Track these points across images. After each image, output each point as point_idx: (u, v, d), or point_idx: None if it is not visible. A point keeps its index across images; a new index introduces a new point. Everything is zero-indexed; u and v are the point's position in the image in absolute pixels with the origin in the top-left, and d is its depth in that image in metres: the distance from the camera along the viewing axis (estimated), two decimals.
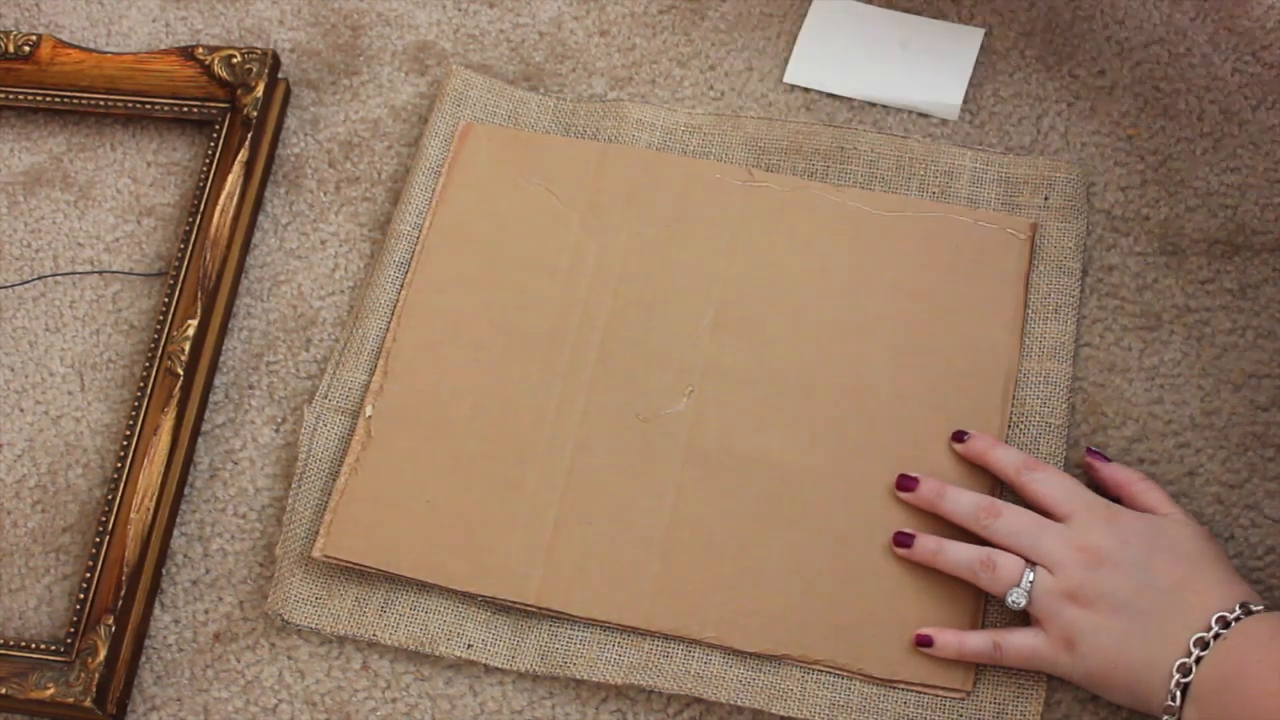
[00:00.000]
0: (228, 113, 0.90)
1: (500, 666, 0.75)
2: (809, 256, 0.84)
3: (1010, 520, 0.73)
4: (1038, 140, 0.88)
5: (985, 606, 0.75)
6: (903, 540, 0.75)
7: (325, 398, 0.82)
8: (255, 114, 0.88)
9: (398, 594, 0.77)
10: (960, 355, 0.81)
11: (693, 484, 0.78)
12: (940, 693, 0.73)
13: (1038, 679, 0.73)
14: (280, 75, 0.92)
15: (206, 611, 0.79)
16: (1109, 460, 0.77)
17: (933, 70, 0.91)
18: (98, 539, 0.78)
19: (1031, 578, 0.71)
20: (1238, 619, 0.67)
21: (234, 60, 0.90)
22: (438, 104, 0.90)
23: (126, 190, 0.92)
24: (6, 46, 0.91)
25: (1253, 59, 0.89)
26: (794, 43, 0.92)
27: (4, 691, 0.74)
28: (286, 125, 0.93)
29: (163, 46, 0.96)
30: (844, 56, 0.92)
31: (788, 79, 0.91)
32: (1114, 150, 0.88)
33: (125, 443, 0.81)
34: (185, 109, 0.91)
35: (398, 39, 0.95)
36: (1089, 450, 0.78)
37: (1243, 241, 0.84)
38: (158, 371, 0.82)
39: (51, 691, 0.74)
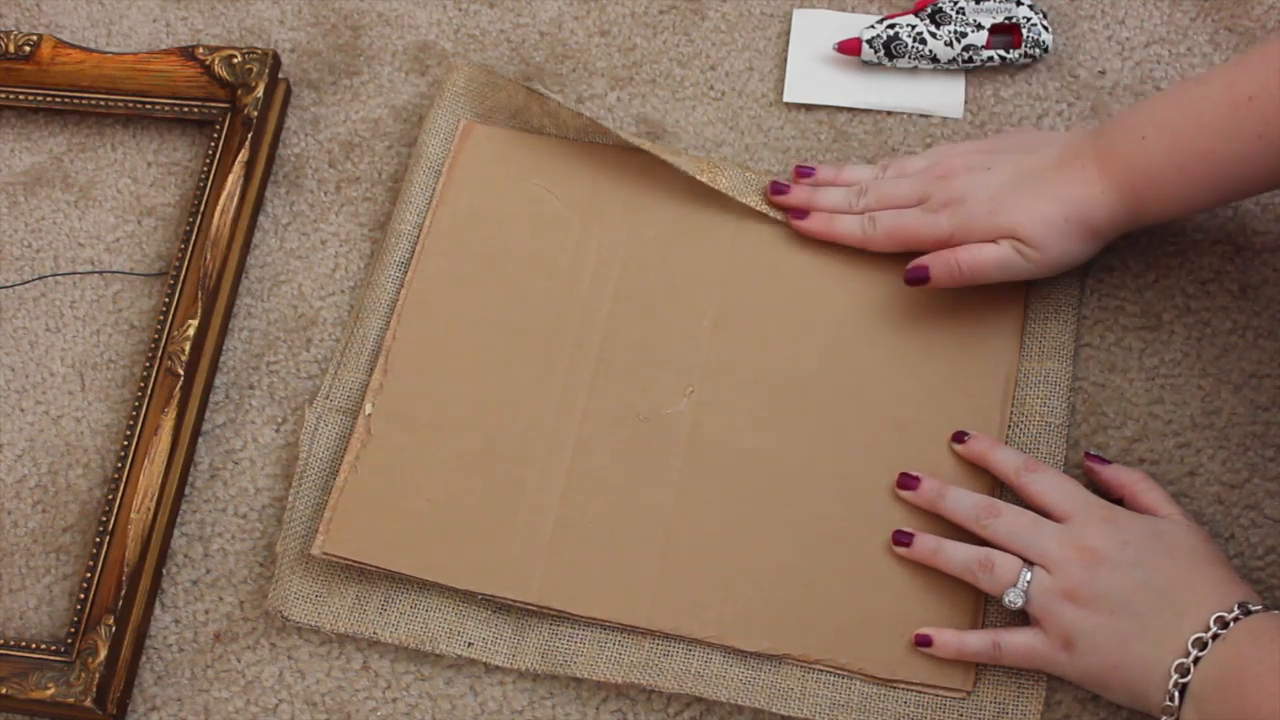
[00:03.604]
0: (228, 113, 0.90)
1: (501, 665, 0.75)
2: (809, 256, 0.84)
3: (1009, 520, 0.73)
4: None
5: (985, 606, 0.75)
6: (902, 539, 0.75)
7: (327, 398, 0.82)
8: (255, 114, 0.88)
9: (398, 592, 0.77)
10: (960, 355, 0.81)
11: (693, 484, 0.78)
12: (941, 692, 0.73)
13: (1038, 679, 0.73)
14: (280, 75, 0.92)
15: (207, 611, 0.79)
16: (1108, 462, 0.77)
17: (931, 72, 0.91)
18: (98, 539, 0.78)
19: (1029, 577, 0.71)
20: (1236, 619, 0.67)
21: (234, 60, 0.90)
22: (436, 100, 0.90)
23: (127, 190, 0.92)
24: (7, 46, 0.91)
25: None
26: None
27: (4, 691, 0.74)
28: (287, 125, 0.93)
29: (163, 46, 0.96)
30: (839, 68, 0.91)
31: (787, 98, 0.91)
32: None
33: (125, 443, 0.81)
34: (185, 109, 0.91)
35: (398, 39, 0.95)
36: (1087, 454, 0.78)
37: (1243, 241, 0.84)
38: (158, 371, 0.82)
39: (51, 691, 0.74)
